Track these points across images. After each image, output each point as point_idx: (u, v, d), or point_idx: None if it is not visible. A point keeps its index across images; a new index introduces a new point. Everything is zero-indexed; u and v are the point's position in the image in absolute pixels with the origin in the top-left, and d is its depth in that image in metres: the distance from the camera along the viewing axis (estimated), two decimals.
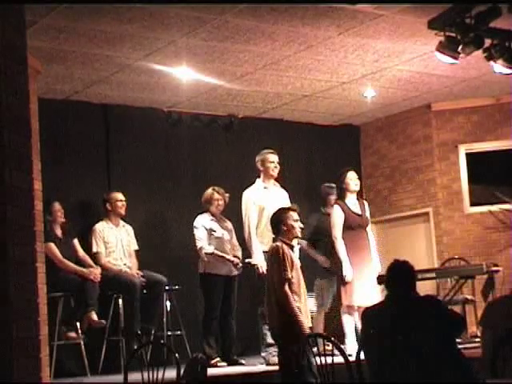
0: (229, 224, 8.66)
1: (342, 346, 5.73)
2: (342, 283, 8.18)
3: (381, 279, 8.28)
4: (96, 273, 8.16)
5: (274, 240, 6.83)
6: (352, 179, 8.45)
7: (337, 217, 8.32)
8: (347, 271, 8.13)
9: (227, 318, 8.40)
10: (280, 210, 6.92)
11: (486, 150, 10.62)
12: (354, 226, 8.34)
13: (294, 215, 6.77)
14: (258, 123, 10.46)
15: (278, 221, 6.74)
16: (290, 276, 6.44)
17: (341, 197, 8.44)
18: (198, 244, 8.37)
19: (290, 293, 6.39)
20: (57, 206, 8.38)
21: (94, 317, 8.09)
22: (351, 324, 8.22)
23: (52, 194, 8.26)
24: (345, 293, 8.22)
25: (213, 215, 8.51)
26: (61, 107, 9.04)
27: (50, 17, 6.77)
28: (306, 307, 6.60)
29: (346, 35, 7.71)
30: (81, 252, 8.46)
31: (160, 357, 6.21)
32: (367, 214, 8.56)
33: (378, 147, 11.36)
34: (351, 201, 8.44)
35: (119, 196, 8.72)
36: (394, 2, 7.00)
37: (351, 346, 7.98)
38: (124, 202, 8.71)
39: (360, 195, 8.73)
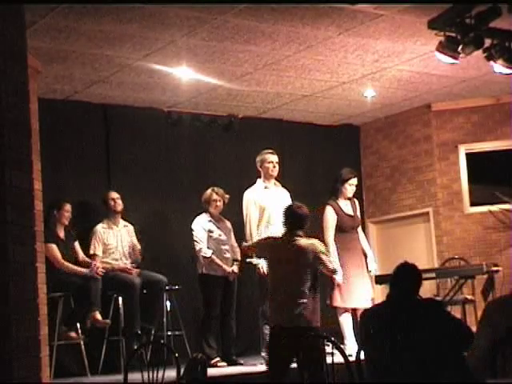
0: (228, 224, 8.67)
1: (342, 346, 5.72)
2: (337, 284, 8.17)
3: (381, 279, 8.29)
4: (98, 266, 8.15)
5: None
6: (352, 185, 8.45)
7: (329, 218, 8.30)
8: (337, 275, 8.12)
9: (227, 318, 8.41)
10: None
11: (486, 150, 10.61)
12: (345, 227, 8.34)
13: None
14: (258, 123, 10.46)
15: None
16: None
17: (335, 195, 8.42)
18: (197, 246, 8.39)
19: None
20: (67, 206, 8.37)
21: (99, 316, 8.09)
22: (349, 324, 8.21)
23: (54, 194, 8.27)
24: (337, 295, 8.21)
25: (211, 216, 8.52)
26: (61, 107, 9.04)
27: (49, 17, 6.77)
28: None
29: (346, 35, 7.70)
30: (81, 255, 8.47)
31: (160, 357, 6.21)
32: (358, 213, 8.56)
33: (378, 147, 11.35)
34: (342, 201, 8.43)
35: (111, 194, 8.70)
36: (394, 2, 7.00)
37: (351, 346, 7.98)
38: (116, 200, 8.67)
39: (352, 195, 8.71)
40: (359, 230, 8.54)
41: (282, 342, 6.18)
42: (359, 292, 8.18)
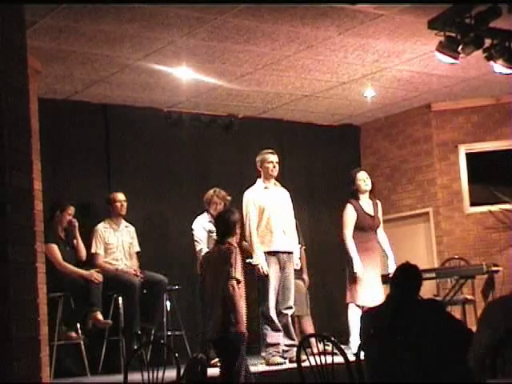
0: None
1: (344, 346, 5.71)
2: (351, 281, 8.18)
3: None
4: (96, 276, 8.14)
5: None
6: (361, 179, 8.45)
7: (349, 216, 8.31)
8: (358, 268, 8.11)
9: None
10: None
11: (486, 150, 10.62)
12: (365, 227, 8.34)
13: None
14: (258, 123, 10.46)
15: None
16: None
17: (354, 196, 8.43)
18: (197, 246, 8.38)
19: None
20: (71, 210, 8.36)
21: (100, 317, 8.09)
22: (357, 321, 8.19)
23: (53, 195, 8.27)
24: (350, 292, 8.22)
25: (212, 216, 8.51)
26: (61, 107, 9.04)
27: (50, 17, 6.77)
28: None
29: (346, 35, 7.71)
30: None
31: (160, 357, 6.21)
32: (379, 214, 8.57)
33: (378, 147, 11.36)
34: (364, 201, 8.44)
35: (118, 196, 8.70)
36: (394, 2, 7.00)
37: (356, 343, 7.96)
38: (123, 203, 8.69)
39: (373, 195, 8.69)
40: (379, 231, 8.54)
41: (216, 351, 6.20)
42: (370, 292, 8.17)
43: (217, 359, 8.09)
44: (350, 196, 8.49)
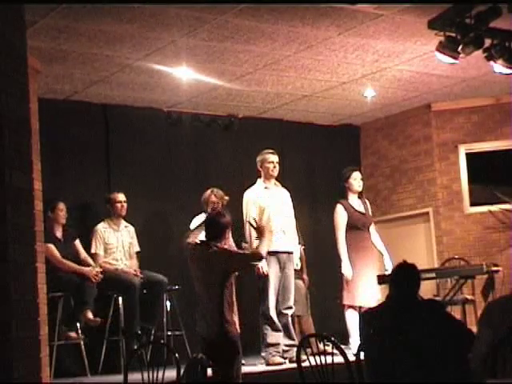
0: None
1: (344, 347, 5.71)
2: (347, 282, 8.19)
3: (381, 279, 8.29)
4: (95, 273, 8.13)
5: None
6: (356, 179, 8.48)
7: (340, 216, 8.32)
8: (346, 270, 8.13)
9: None
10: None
11: (486, 150, 10.62)
12: (358, 225, 8.35)
13: None
14: (258, 123, 10.45)
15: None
16: None
17: (343, 196, 8.45)
18: None
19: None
20: (61, 206, 8.34)
21: (90, 315, 8.06)
22: (355, 322, 8.20)
23: (52, 194, 8.26)
24: (347, 293, 8.23)
25: None
26: (61, 107, 9.03)
27: (50, 17, 6.77)
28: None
29: (346, 35, 7.71)
30: (83, 254, 8.43)
31: (160, 357, 6.21)
32: (370, 212, 8.58)
33: (378, 147, 11.36)
34: (354, 200, 8.45)
35: (119, 197, 8.70)
36: (394, 2, 7.00)
37: (356, 343, 7.96)
38: (124, 203, 8.69)
39: (360, 194, 8.73)
40: (372, 229, 8.55)
41: (204, 351, 6.10)
42: (367, 291, 8.19)
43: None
44: (338, 194, 8.51)
